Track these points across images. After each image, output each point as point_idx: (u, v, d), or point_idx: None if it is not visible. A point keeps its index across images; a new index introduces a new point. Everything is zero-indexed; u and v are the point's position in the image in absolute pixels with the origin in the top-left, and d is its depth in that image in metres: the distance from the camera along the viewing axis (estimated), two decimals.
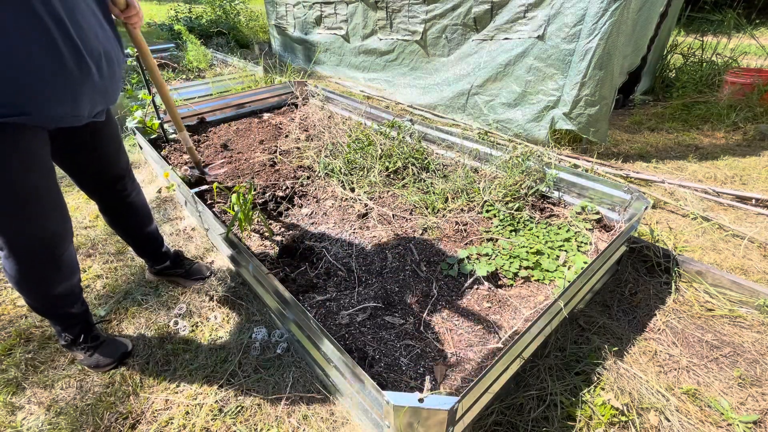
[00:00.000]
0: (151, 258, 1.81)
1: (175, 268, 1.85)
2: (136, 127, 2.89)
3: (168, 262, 1.84)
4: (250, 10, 8.44)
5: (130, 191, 1.57)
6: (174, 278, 1.87)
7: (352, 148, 2.65)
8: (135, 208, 1.62)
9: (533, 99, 3.00)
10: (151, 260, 1.82)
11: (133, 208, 1.61)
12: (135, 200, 1.61)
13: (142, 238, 1.73)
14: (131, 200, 1.58)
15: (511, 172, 2.28)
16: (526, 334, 1.17)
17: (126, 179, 1.54)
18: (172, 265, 1.85)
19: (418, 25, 3.72)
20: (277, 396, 1.36)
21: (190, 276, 1.87)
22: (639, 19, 2.98)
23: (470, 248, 1.84)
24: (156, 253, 1.80)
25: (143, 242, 1.75)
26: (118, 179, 1.50)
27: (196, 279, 1.88)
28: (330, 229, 2.09)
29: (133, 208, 1.61)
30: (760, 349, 1.49)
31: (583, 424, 1.26)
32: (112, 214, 1.61)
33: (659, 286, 1.79)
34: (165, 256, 1.83)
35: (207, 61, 5.19)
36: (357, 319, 1.55)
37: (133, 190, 1.59)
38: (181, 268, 1.86)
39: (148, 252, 1.79)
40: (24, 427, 1.29)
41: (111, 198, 1.54)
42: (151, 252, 1.79)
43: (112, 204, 1.56)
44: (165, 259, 1.83)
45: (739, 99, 3.63)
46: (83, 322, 1.46)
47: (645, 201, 1.82)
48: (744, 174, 2.69)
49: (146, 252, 1.79)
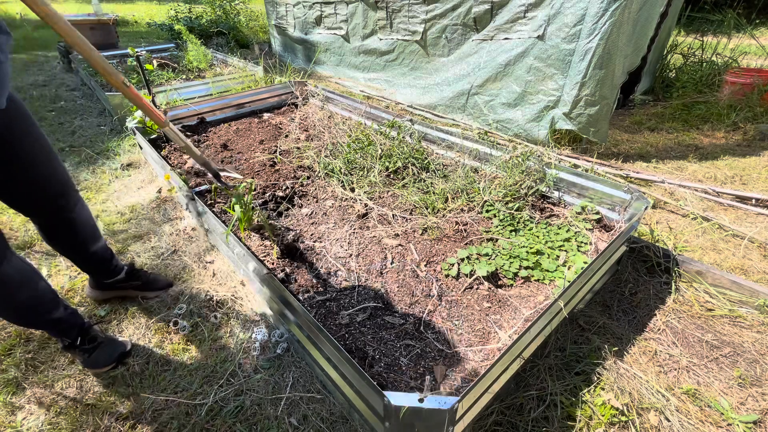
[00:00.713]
0: (99, 273, 1.63)
1: (130, 280, 1.69)
2: (136, 127, 2.89)
3: (122, 275, 1.67)
4: (250, 10, 8.44)
5: (73, 206, 1.39)
6: (127, 290, 1.72)
7: (352, 148, 2.65)
8: (78, 224, 1.44)
9: (533, 99, 3.00)
10: (100, 274, 1.64)
11: (75, 226, 1.43)
12: (78, 216, 1.43)
13: (88, 256, 1.55)
14: (74, 216, 1.41)
15: (511, 172, 2.28)
16: (526, 334, 1.17)
17: (68, 193, 1.37)
18: (127, 278, 1.68)
19: (418, 25, 3.72)
20: (277, 396, 1.36)
21: (150, 287, 1.73)
22: (639, 19, 2.97)
23: (470, 248, 1.84)
24: (107, 269, 1.62)
25: (90, 260, 1.57)
26: (59, 194, 1.34)
27: (156, 289, 1.73)
28: (330, 229, 2.09)
29: (75, 225, 1.43)
30: (760, 349, 1.49)
31: (583, 424, 1.26)
32: (51, 233, 1.42)
33: (659, 286, 1.79)
34: (118, 269, 1.66)
35: (207, 61, 5.19)
36: (357, 319, 1.55)
37: (77, 203, 1.42)
38: (138, 280, 1.71)
39: (98, 269, 1.62)
40: (24, 427, 1.29)
41: (50, 215, 1.36)
42: (101, 268, 1.62)
43: (51, 222, 1.39)
44: (118, 271, 1.66)
45: (739, 99, 3.63)
46: (75, 325, 1.41)
47: (645, 201, 1.82)
48: (744, 174, 2.69)
49: (95, 268, 1.61)
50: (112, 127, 3.66)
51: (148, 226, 2.28)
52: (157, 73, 4.76)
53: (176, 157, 2.82)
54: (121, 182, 2.77)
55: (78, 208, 1.43)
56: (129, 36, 8.33)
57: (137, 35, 8.44)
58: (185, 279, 1.89)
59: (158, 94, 3.67)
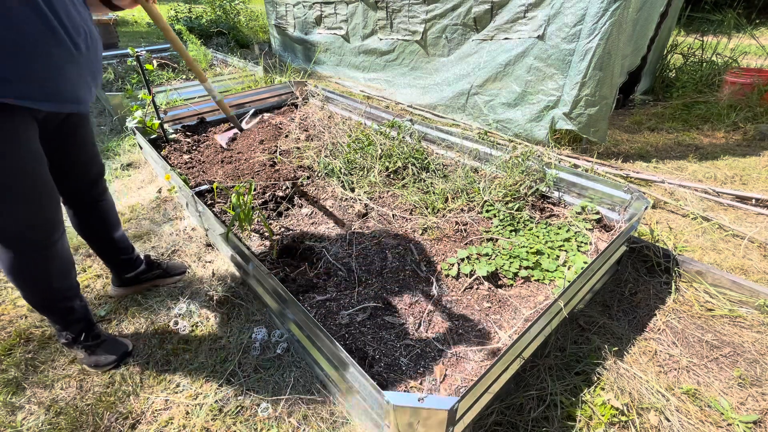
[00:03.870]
0: (123, 265, 1.73)
1: (152, 270, 1.80)
2: (136, 127, 2.89)
3: (143, 266, 1.78)
4: (250, 10, 8.44)
5: (103, 191, 1.56)
6: (153, 281, 1.82)
7: (352, 148, 2.65)
8: (107, 210, 1.59)
9: (533, 99, 3.00)
10: (124, 267, 1.73)
11: (105, 210, 1.58)
12: (108, 202, 1.60)
13: (114, 244, 1.66)
14: (105, 200, 1.57)
15: (511, 172, 2.28)
16: (526, 334, 1.17)
17: (102, 178, 1.54)
18: (148, 268, 1.79)
19: (418, 25, 3.72)
20: (277, 396, 1.36)
21: (170, 273, 1.84)
22: (639, 19, 2.98)
23: (470, 248, 1.84)
24: (129, 259, 1.73)
25: (115, 248, 1.68)
26: (98, 178, 1.51)
27: (176, 275, 1.85)
28: (330, 229, 2.09)
29: (105, 210, 1.58)
30: (760, 349, 1.49)
31: (583, 424, 1.26)
32: (85, 218, 1.56)
33: (659, 286, 1.79)
34: (138, 260, 1.77)
35: (207, 61, 5.19)
36: (357, 319, 1.55)
37: (106, 189, 1.59)
38: (158, 268, 1.82)
39: (120, 258, 1.70)
40: (24, 427, 1.29)
41: (88, 198, 1.51)
42: (123, 258, 1.71)
43: (87, 206, 1.53)
44: (139, 263, 1.76)
45: (739, 99, 3.63)
46: (84, 319, 1.44)
47: (645, 201, 1.82)
48: (744, 174, 2.69)
49: (117, 259, 1.70)
50: (112, 127, 3.66)
51: (148, 226, 2.28)
52: (157, 73, 4.76)
53: (176, 157, 2.82)
54: (121, 182, 2.77)
55: (107, 195, 1.59)
56: (129, 36, 8.33)
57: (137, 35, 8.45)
58: (185, 279, 1.89)
59: (158, 94, 3.67)
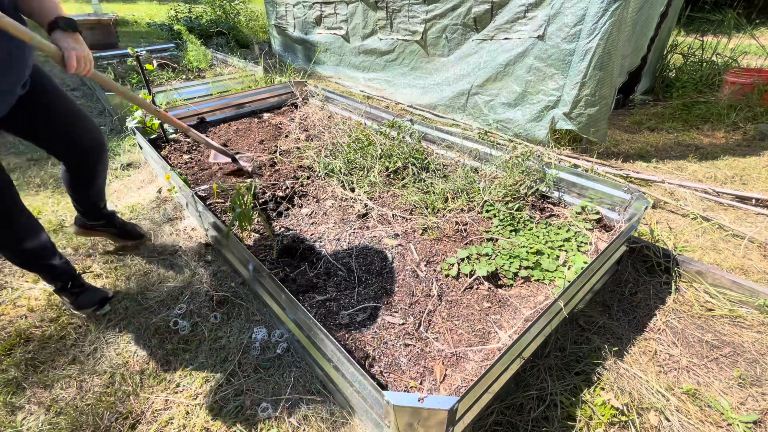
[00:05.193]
0: (88, 214, 1.89)
1: (109, 227, 1.98)
2: (136, 127, 2.89)
3: (103, 221, 1.95)
4: (250, 10, 8.43)
5: (96, 163, 1.71)
6: (104, 233, 2.00)
7: (352, 148, 2.65)
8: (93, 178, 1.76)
9: (533, 99, 3.00)
10: (88, 215, 1.90)
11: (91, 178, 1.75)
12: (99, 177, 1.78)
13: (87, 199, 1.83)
14: (96, 172, 1.74)
15: (511, 172, 2.28)
16: (526, 334, 1.17)
17: (100, 154, 1.69)
18: (107, 222, 1.97)
19: (418, 25, 3.72)
20: (277, 396, 1.36)
21: (123, 236, 2.02)
22: (639, 19, 2.98)
23: (470, 248, 1.84)
24: (95, 211, 1.89)
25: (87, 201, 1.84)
26: (91, 151, 1.65)
27: (128, 239, 2.03)
28: (330, 229, 2.09)
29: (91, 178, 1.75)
30: (760, 349, 1.49)
31: (583, 424, 1.26)
32: (69, 177, 1.71)
33: (659, 286, 1.79)
34: (102, 214, 1.93)
35: (207, 61, 5.19)
36: (357, 319, 1.55)
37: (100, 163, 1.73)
38: (114, 228, 1.99)
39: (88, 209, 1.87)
40: (24, 427, 1.29)
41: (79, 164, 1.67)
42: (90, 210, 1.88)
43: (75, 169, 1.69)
44: (102, 217, 1.94)
45: (739, 99, 3.63)
46: (67, 273, 1.65)
47: (645, 201, 1.82)
48: (744, 174, 2.69)
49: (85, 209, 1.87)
50: (112, 127, 3.65)
51: (148, 226, 2.28)
52: (157, 73, 4.76)
53: (176, 157, 2.82)
54: (121, 182, 2.77)
55: (99, 168, 1.74)
56: (129, 36, 8.32)
57: (137, 35, 8.44)
58: (185, 279, 1.90)
59: (158, 94, 3.67)
